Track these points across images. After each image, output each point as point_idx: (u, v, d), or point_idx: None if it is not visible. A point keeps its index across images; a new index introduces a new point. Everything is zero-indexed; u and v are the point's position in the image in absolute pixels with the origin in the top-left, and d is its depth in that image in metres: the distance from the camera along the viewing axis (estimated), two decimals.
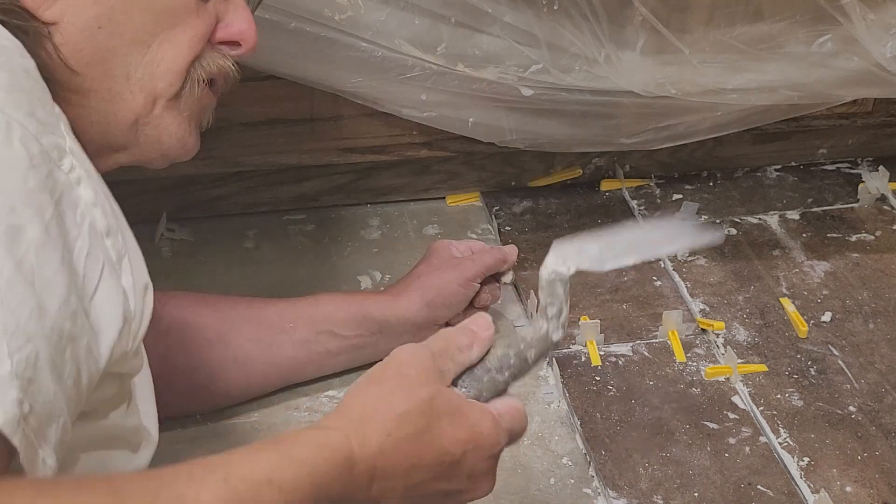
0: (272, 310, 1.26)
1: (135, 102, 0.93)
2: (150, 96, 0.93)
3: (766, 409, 1.28)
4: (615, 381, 1.32)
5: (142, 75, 0.92)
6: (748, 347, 1.36)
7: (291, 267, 1.49)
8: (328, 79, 1.39)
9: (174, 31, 0.92)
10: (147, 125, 0.94)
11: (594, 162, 1.64)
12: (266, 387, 1.27)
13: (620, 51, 1.36)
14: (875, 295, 1.45)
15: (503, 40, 1.36)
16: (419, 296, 1.28)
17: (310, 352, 1.26)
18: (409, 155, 1.58)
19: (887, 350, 1.36)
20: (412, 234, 1.56)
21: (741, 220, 1.59)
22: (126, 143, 0.95)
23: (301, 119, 1.51)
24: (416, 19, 1.34)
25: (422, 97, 1.41)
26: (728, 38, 1.36)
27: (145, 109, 0.93)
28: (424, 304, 1.27)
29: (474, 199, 1.63)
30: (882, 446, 1.23)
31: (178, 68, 0.94)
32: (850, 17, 1.31)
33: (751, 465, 1.21)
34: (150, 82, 0.93)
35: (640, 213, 1.59)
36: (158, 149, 0.97)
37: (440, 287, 1.28)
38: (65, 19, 0.88)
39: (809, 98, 1.43)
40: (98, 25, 0.89)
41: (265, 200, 1.56)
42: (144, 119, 0.94)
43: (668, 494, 1.18)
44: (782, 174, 1.68)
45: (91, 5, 0.89)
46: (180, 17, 0.93)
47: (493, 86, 1.39)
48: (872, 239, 1.55)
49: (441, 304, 1.28)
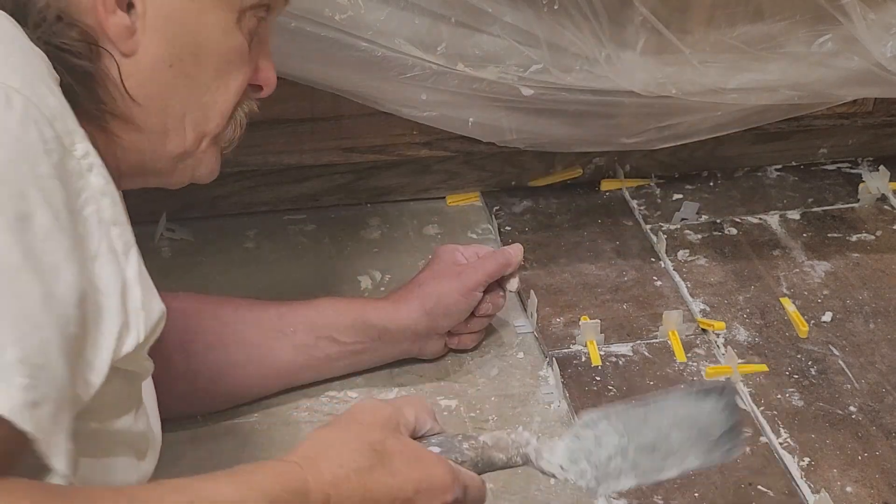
0: (273, 313, 1.26)
1: (186, 139, 0.98)
2: (200, 135, 0.99)
3: (766, 409, 1.28)
4: (615, 381, 1.32)
5: (196, 116, 0.97)
6: (748, 347, 1.36)
7: (291, 267, 1.49)
8: (328, 79, 1.39)
9: (230, 77, 0.98)
10: (190, 158, 1.00)
11: (594, 162, 1.64)
12: (266, 389, 1.27)
13: (621, 51, 1.36)
14: (875, 295, 1.45)
15: (503, 40, 1.36)
16: (419, 304, 1.28)
17: (309, 356, 1.26)
18: (409, 155, 1.58)
19: (887, 350, 1.36)
20: (412, 234, 1.56)
21: (741, 219, 1.59)
22: (163, 170, 1.00)
23: (301, 119, 1.51)
24: (416, 19, 1.34)
25: (422, 97, 1.41)
26: (728, 38, 1.36)
27: (193, 146, 0.99)
28: (424, 312, 1.28)
29: (474, 198, 1.63)
30: (882, 446, 1.23)
31: (227, 111, 1.00)
32: (851, 16, 1.31)
33: (751, 465, 1.21)
34: (202, 123, 0.98)
35: (640, 213, 1.59)
36: (191, 177, 1.03)
37: (441, 296, 1.28)
38: (139, 52, 0.93)
39: (810, 98, 1.43)
40: (169, 64, 0.94)
41: (265, 200, 1.56)
42: (189, 153, 0.99)
43: (668, 494, 1.18)
44: (783, 174, 1.68)
45: (165, 45, 0.93)
46: (237, 64, 0.98)
47: (493, 86, 1.39)
48: (873, 239, 1.55)
49: (442, 313, 1.28)
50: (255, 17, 0.98)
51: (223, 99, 0.99)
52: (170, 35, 0.93)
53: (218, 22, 0.95)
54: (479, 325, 1.33)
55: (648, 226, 1.57)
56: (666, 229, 1.55)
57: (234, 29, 0.97)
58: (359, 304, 1.30)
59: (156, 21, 0.93)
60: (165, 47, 0.93)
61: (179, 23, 0.94)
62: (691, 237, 1.55)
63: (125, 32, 0.92)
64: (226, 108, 0.99)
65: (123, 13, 0.92)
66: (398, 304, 1.28)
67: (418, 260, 1.50)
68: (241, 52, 0.98)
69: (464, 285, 1.28)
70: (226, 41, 0.96)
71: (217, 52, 0.96)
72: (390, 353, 1.31)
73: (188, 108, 0.97)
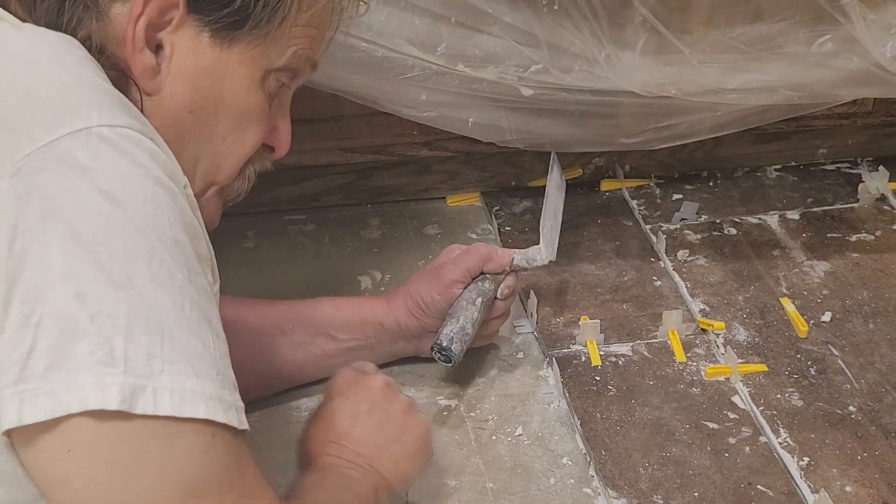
0: (271, 311, 1.27)
1: (194, 186, 0.97)
2: (208, 183, 1.00)
3: (766, 409, 1.28)
4: (615, 381, 1.32)
5: (208, 164, 0.98)
6: (748, 347, 1.36)
7: (291, 267, 1.50)
8: (328, 79, 1.39)
9: (247, 132, 1.00)
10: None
11: (594, 162, 1.64)
12: (266, 388, 1.27)
13: (620, 51, 1.36)
14: (875, 295, 1.45)
15: (503, 40, 1.36)
16: (402, 304, 1.29)
17: (308, 353, 1.27)
18: (409, 155, 1.58)
19: (887, 350, 1.36)
20: (412, 234, 1.56)
21: (741, 220, 1.59)
22: None
23: (301, 119, 1.50)
24: (416, 19, 1.34)
25: (422, 97, 1.41)
26: (728, 38, 1.36)
27: (199, 193, 0.99)
28: (407, 311, 1.29)
29: (474, 199, 1.63)
30: (882, 446, 1.23)
31: (239, 165, 1.01)
32: (850, 17, 1.31)
33: (751, 464, 1.21)
34: (213, 172, 0.99)
35: (639, 213, 1.59)
36: None
37: (420, 295, 1.29)
38: (162, 93, 0.94)
39: (809, 98, 1.43)
40: (189, 110, 0.95)
41: (265, 200, 1.56)
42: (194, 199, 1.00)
43: (668, 494, 1.18)
44: (782, 174, 1.69)
45: (189, 91, 0.94)
46: (255, 121, 1.00)
47: (493, 86, 1.39)
48: (872, 239, 1.55)
49: (424, 312, 1.29)
50: (280, 79, 0.99)
51: (237, 153, 1.00)
52: (193, 82, 0.94)
53: (243, 78, 0.96)
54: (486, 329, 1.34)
55: (648, 226, 1.57)
56: (666, 229, 1.55)
57: (258, 87, 0.98)
58: (355, 302, 1.31)
59: (181, 66, 0.93)
60: (188, 93, 0.94)
61: (204, 72, 0.94)
62: (691, 237, 1.55)
63: (150, 72, 0.93)
64: (238, 162, 1.00)
65: (150, 53, 0.92)
66: (389, 302, 1.30)
67: (418, 260, 1.50)
68: (261, 110, 0.99)
69: (440, 283, 1.29)
70: (247, 97, 0.97)
71: (237, 106, 0.97)
72: (387, 350, 1.31)
73: (202, 155, 0.98)
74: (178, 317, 0.80)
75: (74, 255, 0.78)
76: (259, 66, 0.97)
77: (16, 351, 0.77)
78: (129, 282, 0.78)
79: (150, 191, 0.82)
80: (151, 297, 0.79)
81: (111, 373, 0.77)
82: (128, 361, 0.77)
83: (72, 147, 0.80)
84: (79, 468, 0.78)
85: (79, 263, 0.78)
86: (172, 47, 0.93)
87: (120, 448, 0.78)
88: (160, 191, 0.82)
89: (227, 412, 0.82)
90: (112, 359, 0.77)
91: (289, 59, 0.98)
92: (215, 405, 0.81)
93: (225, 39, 0.94)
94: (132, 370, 0.77)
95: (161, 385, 0.78)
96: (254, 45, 0.95)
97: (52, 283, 0.77)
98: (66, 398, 0.76)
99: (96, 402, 0.76)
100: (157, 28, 0.92)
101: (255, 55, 0.96)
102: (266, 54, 0.97)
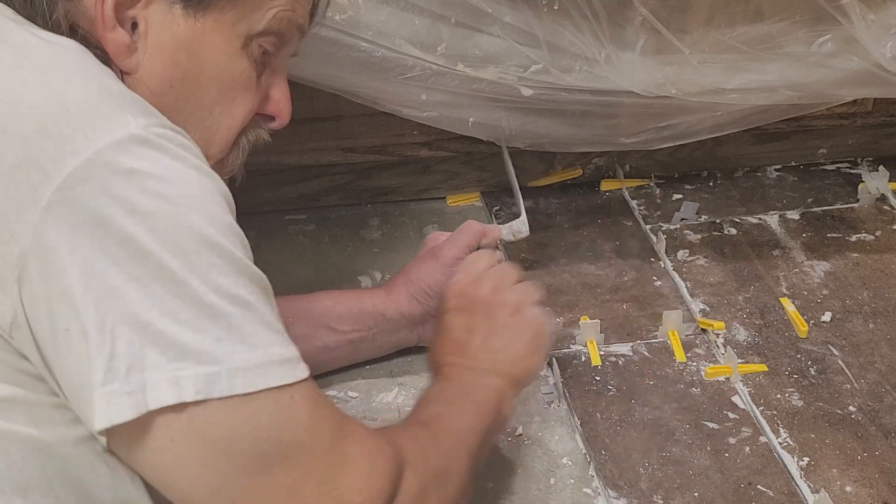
0: None
1: None
2: None
3: (766, 409, 1.28)
4: (615, 381, 1.32)
5: (198, 138, 0.96)
6: (748, 347, 1.36)
7: (292, 267, 1.50)
8: (328, 79, 1.39)
9: (234, 102, 0.99)
10: None
11: (594, 162, 1.64)
12: None
13: (620, 51, 1.36)
14: (875, 295, 1.45)
15: (503, 40, 1.36)
16: (405, 290, 1.29)
17: (309, 346, 1.26)
18: (409, 155, 1.58)
19: (887, 350, 1.36)
20: (412, 234, 1.56)
21: (741, 219, 1.59)
22: None
23: (301, 119, 1.50)
24: (416, 19, 1.34)
25: (422, 97, 1.41)
26: (728, 38, 1.36)
27: None
28: (410, 297, 1.29)
29: (474, 199, 1.63)
30: (882, 446, 1.23)
31: (231, 137, 1.00)
32: (850, 17, 1.31)
33: (751, 464, 1.21)
34: (204, 146, 0.97)
35: (639, 213, 1.59)
36: None
37: (422, 278, 1.29)
38: (140, 71, 0.93)
39: (809, 98, 1.43)
40: (170, 85, 0.94)
41: (266, 200, 1.56)
42: None
43: (668, 494, 1.18)
44: (782, 174, 1.69)
45: (167, 66, 0.94)
46: (241, 90, 0.99)
47: (493, 86, 1.39)
48: (872, 239, 1.55)
49: (428, 295, 1.29)
50: (263, 46, 0.98)
51: (227, 124, 0.99)
52: (171, 56, 0.93)
53: (222, 46, 0.95)
54: None
55: (648, 226, 1.57)
56: (666, 229, 1.55)
57: (239, 55, 0.97)
58: (354, 294, 1.32)
59: (157, 41, 0.93)
60: (167, 68, 0.94)
61: (181, 45, 0.94)
62: (691, 237, 1.55)
63: (125, 50, 0.92)
64: (229, 134, 1.00)
65: (123, 31, 0.92)
66: (389, 292, 1.30)
67: None
68: (247, 79, 0.98)
69: (441, 263, 1.29)
70: (229, 66, 0.96)
71: (220, 76, 0.96)
72: (389, 340, 1.31)
73: (190, 130, 0.96)
74: (242, 299, 0.84)
75: (134, 258, 0.80)
76: (237, 33, 0.96)
77: (99, 355, 0.80)
78: (192, 274, 0.81)
79: (195, 181, 0.84)
80: (215, 284, 0.82)
81: (184, 367, 0.81)
82: (199, 353, 0.81)
83: (115, 153, 0.81)
84: (187, 454, 0.83)
85: (138, 266, 0.80)
86: (146, 23, 0.92)
87: (213, 430, 0.82)
88: (203, 178, 0.85)
89: (295, 369, 0.85)
90: (183, 353, 0.80)
91: (269, 22, 0.97)
92: (283, 370, 0.84)
93: (198, 9, 0.93)
94: (204, 359, 0.81)
95: (232, 366, 0.82)
96: (227, 11, 0.94)
97: (117, 288, 0.80)
98: (145, 397, 0.80)
99: (173, 397, 0.80)
100: (126, 6, 0.92)
101: (231, 21, 0.95)
102: (244, 19, 0.95)
